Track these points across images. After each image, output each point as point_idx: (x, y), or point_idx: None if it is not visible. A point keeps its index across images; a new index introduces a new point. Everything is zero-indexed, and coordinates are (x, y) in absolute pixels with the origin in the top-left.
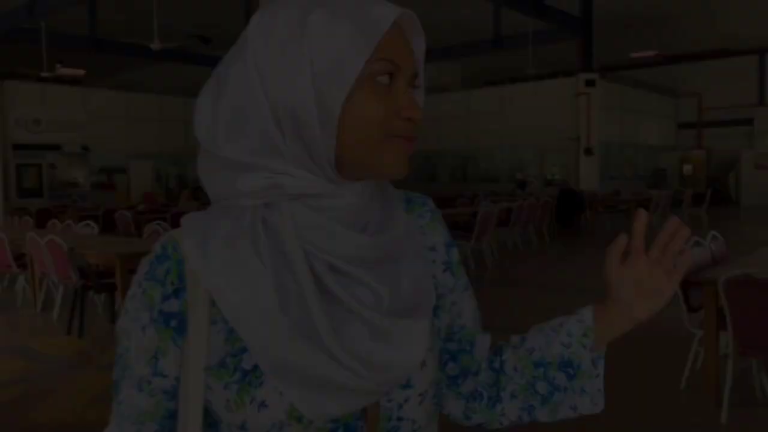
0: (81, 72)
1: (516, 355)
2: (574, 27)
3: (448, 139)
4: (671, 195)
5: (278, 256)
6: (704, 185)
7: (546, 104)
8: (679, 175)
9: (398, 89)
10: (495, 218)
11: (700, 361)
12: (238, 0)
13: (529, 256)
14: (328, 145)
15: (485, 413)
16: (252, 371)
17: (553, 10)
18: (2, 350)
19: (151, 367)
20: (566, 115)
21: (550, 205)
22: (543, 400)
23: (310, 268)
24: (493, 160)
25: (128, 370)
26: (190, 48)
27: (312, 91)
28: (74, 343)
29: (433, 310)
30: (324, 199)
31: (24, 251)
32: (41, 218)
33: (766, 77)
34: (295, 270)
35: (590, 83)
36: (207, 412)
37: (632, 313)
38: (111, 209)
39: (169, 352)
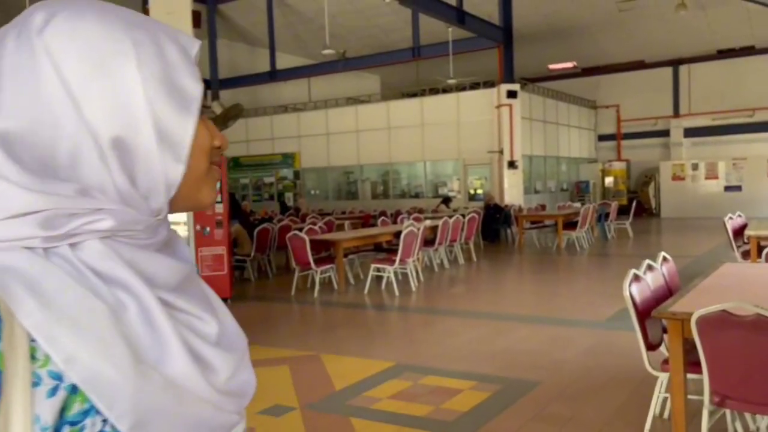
0: None
1: None
2: (495, 36)
3: (367, 153)
4: (596, 208)
5: (117, 295)
6: (626, 197)
7: (468, 116)
8: (602, 187)
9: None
10: (419, 238)
11: (659, 406)
12: None
13: (456, 277)
14: (173, 174)
15: None
16: None
17: (474, 18)
18: None
19: None
20: (488, 128)
21: (476, 222)
22: None
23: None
24: (416, 176)
25: None
26: None
27: (148, 118)
28: None
29: None
30: (143, 235)
31: None
32: None
33: (680, 89)
34: (147, 307)
35: (512, 94)
36: None
37: None
38: None
39: None
